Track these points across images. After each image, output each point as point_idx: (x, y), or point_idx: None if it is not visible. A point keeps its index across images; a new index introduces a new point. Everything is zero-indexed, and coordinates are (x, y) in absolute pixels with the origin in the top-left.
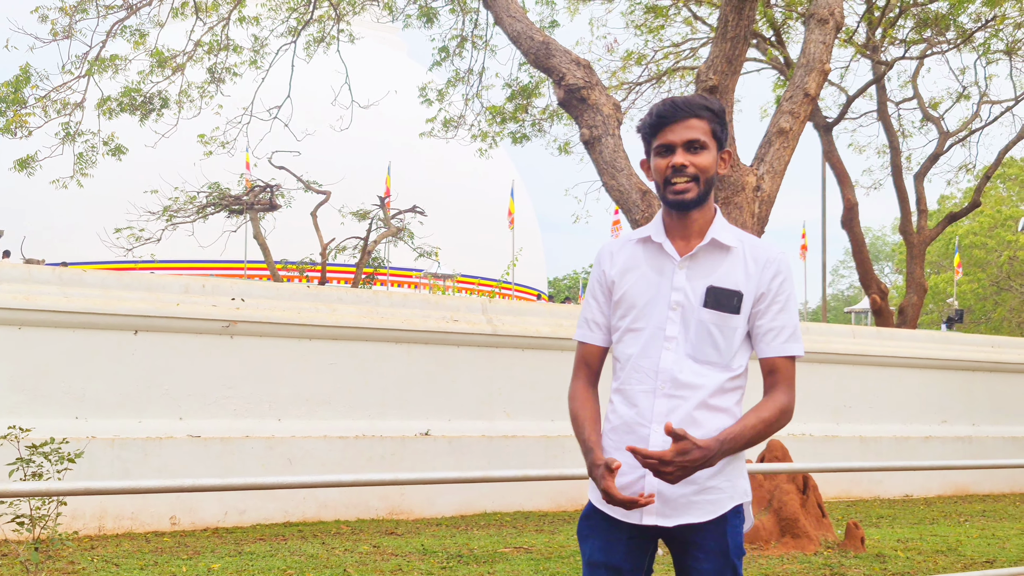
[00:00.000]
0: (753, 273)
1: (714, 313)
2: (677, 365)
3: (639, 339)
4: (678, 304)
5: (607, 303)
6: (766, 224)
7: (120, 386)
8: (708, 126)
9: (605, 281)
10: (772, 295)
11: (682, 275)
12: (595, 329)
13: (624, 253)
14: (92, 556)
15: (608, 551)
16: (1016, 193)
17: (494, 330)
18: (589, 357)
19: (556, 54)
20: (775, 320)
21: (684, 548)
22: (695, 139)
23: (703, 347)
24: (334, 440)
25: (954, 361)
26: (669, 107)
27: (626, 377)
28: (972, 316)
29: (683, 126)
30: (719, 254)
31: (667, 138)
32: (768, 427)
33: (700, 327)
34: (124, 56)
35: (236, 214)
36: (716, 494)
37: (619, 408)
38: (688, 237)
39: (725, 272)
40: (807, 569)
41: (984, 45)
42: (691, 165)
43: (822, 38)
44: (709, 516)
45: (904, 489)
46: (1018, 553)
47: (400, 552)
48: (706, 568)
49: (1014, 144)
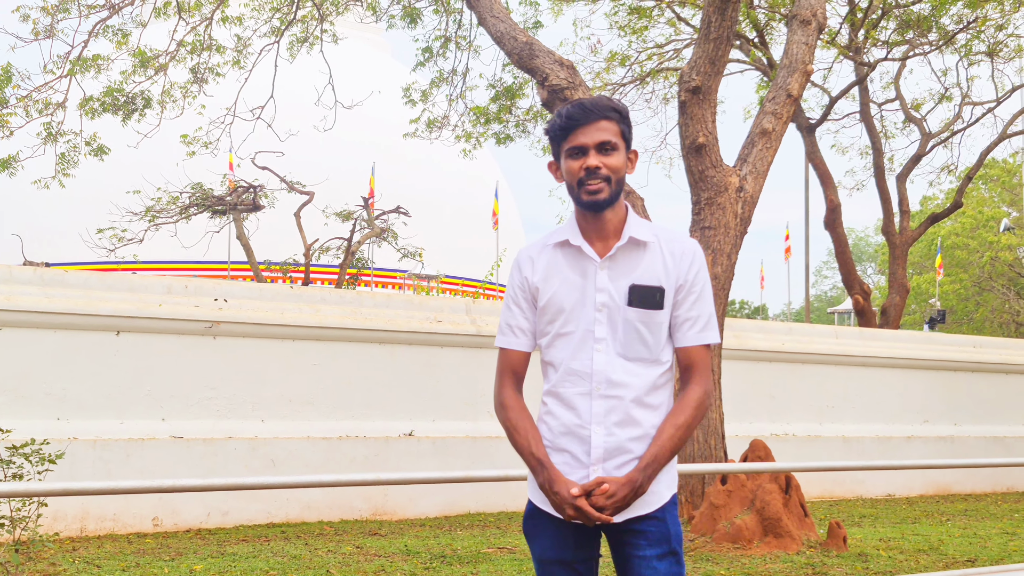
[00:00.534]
0: (671, 266)
1: (638, 311)
2: (610, 365)
3: (570, 343)
4: (603, 305)
5: (530, 309)
6: (749, 224)
7: (102, 387)
8: (617, 127)
9: (528, 287)
10: (689, 285)
11: (604, 276)
12: (519, 335)
13: (544, 258)
14: (74, 557)
15: (558, 547)
16: (998, 194)
17: (478, 331)
18: (515, 363)
19: (539, 55)
20: (692, 310)
21: (627, 538)
22: (606, 141)
23: (632, 344)
24: (317, 441)
25: (936, 361)
26: (579, 110)
27: (559, 380)
28: (954, 316)
29: (594, 128)
30: (637, 251)
31: (578, 140)
32: (687, 430)
33: (627, 326)
34: (106, 56)
35: (219, 215)
36: (657, 485)
37: (556, 411)
38: (605, 237)
39: (645, 269)
40: (789, 568)
41: (966, 47)
42: (604, 166)
43: (804, 39)
44: (652, 508)
45: (886, 489)
46: (999, 552)
47: (383, 553)
48: (650, 554)
49: (996, 145)
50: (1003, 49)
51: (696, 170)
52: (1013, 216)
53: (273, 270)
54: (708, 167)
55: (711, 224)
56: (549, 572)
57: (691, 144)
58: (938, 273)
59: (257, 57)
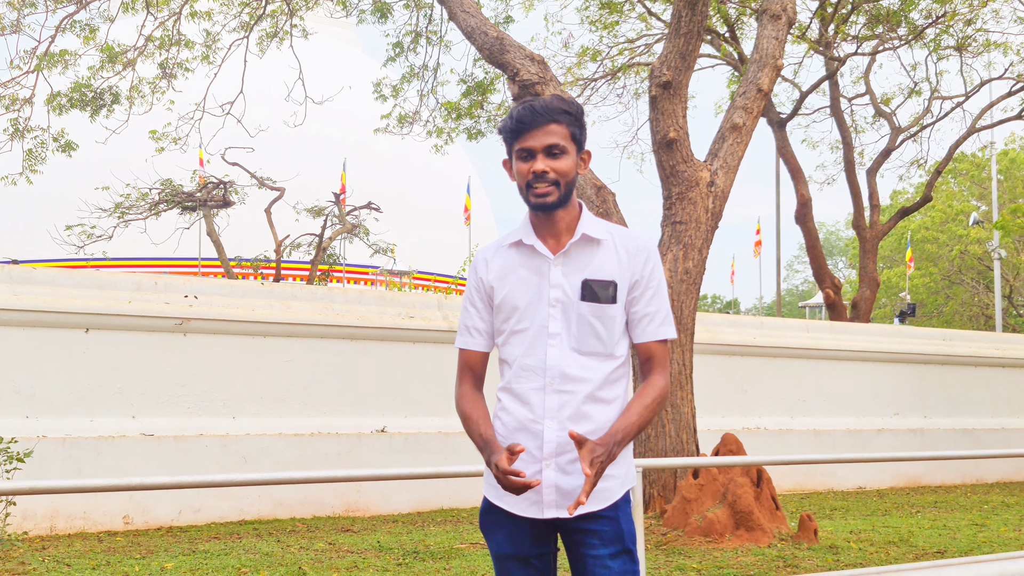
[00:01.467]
0: (625, 262)
1: (592, 305)
2: (564, 360)
3: (524, 339)
4: (557, 300)
5: (486, 309)
6: (720, 219)
7: (71, 385)
8: (567, 130)
9: (483, 287)
10: (645, 281)
11: (558, 272)
12: (476, 335)
13: (499, 258)
14: (43, 556)
15: (514, 542)
16: (967, 188)
17: (450, 326)
18: (473, 363)
19: (510, 50)
20: (649, 306)
21: (579, 537)
22: (554, 144)
23: (586, 339)
24: (289, 438)
25: (906, 354)
26: (528, 113)
27: (513, 376)
28: (924, 310)
29: (542, 132)
30: (591, 248)
31: (527, 143)
32: (652, 412)
33: (581, 320)
34: (74, 51)
35: (189, 211)
36: (610, 482)
37: (510, 406)
38: (558, 235)
39: (599, 264)
40: (761, 561)
41: (935, 41)
42: (551, 171)
43: (775, 34)
44: (604, 504)
45: (857, 481)
46: (968, 543)
47: (356, 549)
48: (604, 553)
49: (965, 139)
50: (972, 44)
51: (667, 165)
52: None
53: (244, 266)
54: (679, 162)
55: (682, 219)
56: (506, 568)
57: (662, 139)
58: (908, 267)
59: (226, 52)
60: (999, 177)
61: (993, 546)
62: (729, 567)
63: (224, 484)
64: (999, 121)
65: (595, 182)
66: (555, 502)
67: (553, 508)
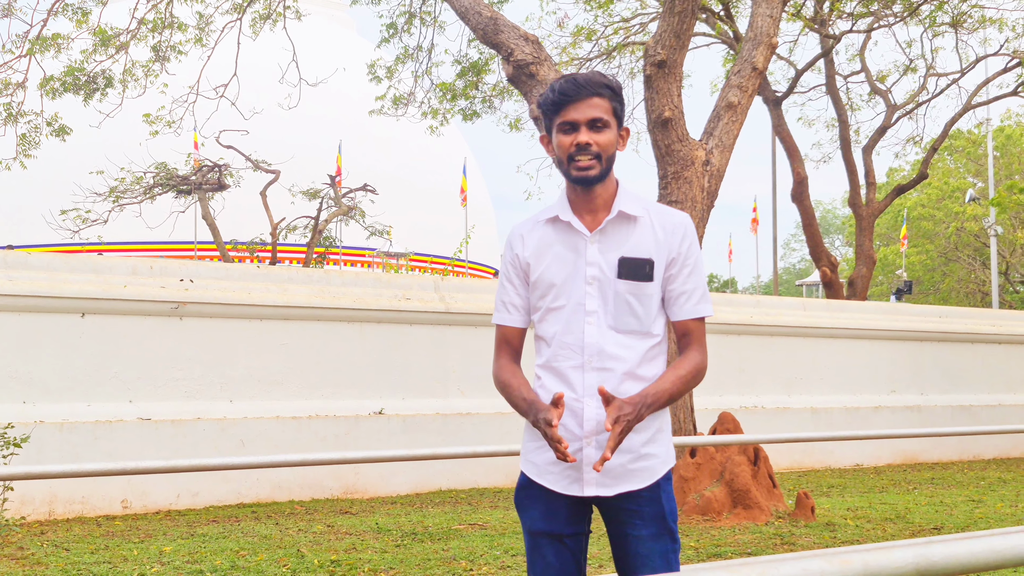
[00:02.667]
0: (662, 239)
1: (629, 283)
2: (602, 338)
3: (561, 316)
4: (594, 278)
5: (523, 285)
6: (716, 198)
7: (68, 370)
8: (609, 104)
9: (519, 264)
10: (682, 259)
11: (594, 249)
12: (513, 311)
13: (535, 234)
14: (42, 541)
15: (549, 519)
16: (963, 165)
17: (447, 308)
18: (510, 337)
19: (504, 30)
20: (686, 283)
21: (621, 516)
22: (598, 118)
23: (623, 317)
24: (287, 420)
25: (903, 332)
26: (571, 85)
27: (552, 355)
28: (921, 287)
29: (586, 104)
30: (627, 225)
31: (570, 116)
32: (685, 383)
33: (617, 298)
34: (66, 35)
35: (184, 194)
36: (651, 460)
37: (549, 384)
38: (595, 211)
39: (636, 242)
40: (758, 539)
41: (930, 18)
42: (594, 143)
43: (769, 12)
44: (646, 483)
45: (855, 458)
46: (965, 520)
47: (354, 531)
48: (644, 534)
49: (960, 116)
50: (967, 20)
51: (662, 144)
52: (978, 187)
53: (240, 250)
54: (674, 141)
55: (678, 198)
56: (538, 544)
57: (657, 118)
58: (903, 244)
59: (220, 35)
60: (995, 154)
61: (990, 522)
62: (726, 545)
63: (222, 468)
64: (995, 98)
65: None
66: (595, 480)
67: (593, 486)
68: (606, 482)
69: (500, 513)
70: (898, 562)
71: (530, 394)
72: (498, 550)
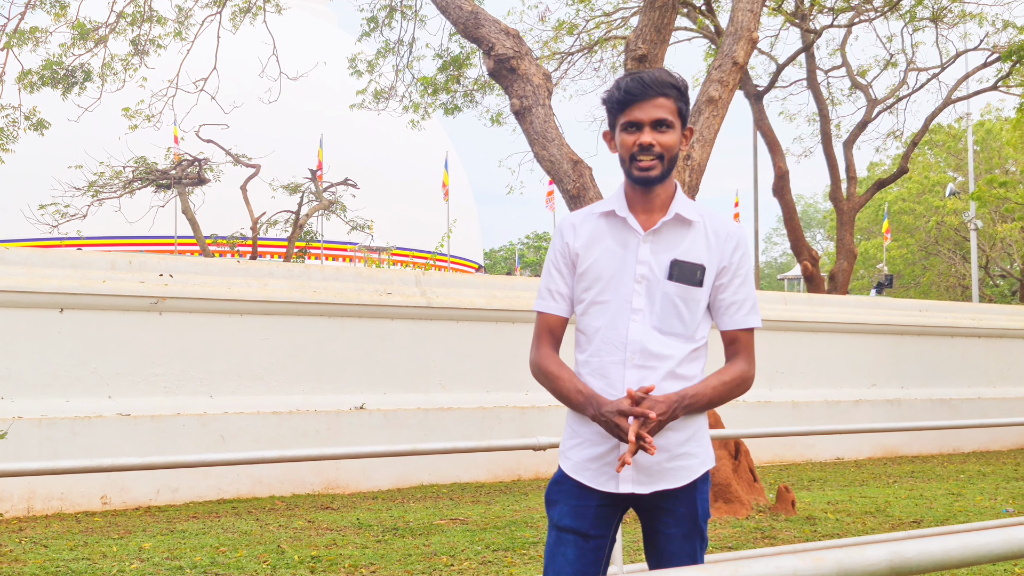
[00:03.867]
0: (715, 246)
1: (678, 286)
2: (645, 336)
3: (606, 311)
4: (643, 277)
5: (570, 274)
6: (696, 192)
7: (46, 365)
8: (674, 105)
9: (569, 253)
10: (734, 269)
11: (646, 248)
12: (558, 299)
13: (587, 226)
14: (20, 538)
15: (577, 516)
16: (943, 159)
17: (428, 302)
18: (553, 326)
19: (485, 24)
20: (737, 293)
21: (654, 514)
22: (662, 118)
23: (668, 319)
24: (268, 416)
25: (883, 325)
26: (638, 84)
27: (594, 350)
28: (901, 281)
29: (651, 104)
30: (682, 228)
31: (634, 115)
32: (729, 390)
33: (665, 299)
34: (44, 28)
35: (164, 189)
36: (688, 460)
37: (588, 379)
38: (651, 211)
39: (688, 246)
40: (739, 533)
41: (910, 12)
42: (657, 144)
43: (749, 6)
44: (682, 482)
45: (835, 452)
46: (944, 513)
47: (335, 526)
48: (675, 533)
49: (940, 111)
50: (947, 15)
51: None
52: (959, 181)
53: (220, 244)
54: None
55: None
56: (562, 539)
57: None
58: (885, 238)
59: (199, 28)
60: (975, 148)
61: (969, 515)
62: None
63: (202, 464)
64: (975, 92)
65: (571, 156)
66: (631, 477)
67: (629, 483)
68: (642, 479)
69: (481, 508)
70: (872, 559)
71: (586, 388)
72: (479, 545)
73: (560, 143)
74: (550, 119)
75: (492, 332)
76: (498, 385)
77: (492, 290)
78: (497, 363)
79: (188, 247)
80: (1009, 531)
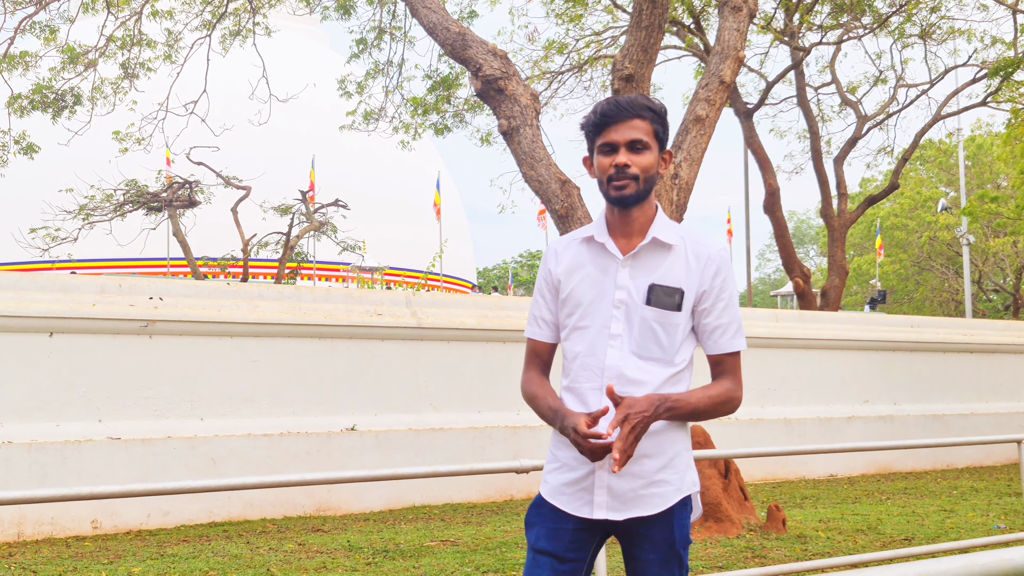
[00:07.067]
0: (695, 270)
1: (656, 311)
2: (623, 362)
3: (585, 337)
4: (621, 302)
5: (554, 301)
6: (685, 211)
7: (36, 389)
8: (650, 127)
9: (551, 280)
10: (716, 293)
11: (625, 273)
12: (543, 326)
13: (569, 252)
14: (10, 564)
15: (552, 539)
16: (935, 175)
17: (419, 323)
18: (540, 351)
19: (472, 45)
20: (721, 317)
21: (632, 540)
22: (638, 139)
23: (647, 344)
24: (258, 438)
25: (875, 342)
26: (613, 107)
27: (575, 376)
28: (895, 296)
29: (626, 126)
30: (661, 252)
31: (610, 137)
32: (713, 405)
33: (643, 324)
34: (34, 52)
35: (155, 211)
36: (664, 487)
37: (570, 405)
38: (630, 235)
39: (667, 270)
40: (729, 552)
41: (899, 29)
42: (633, 165)
43: (736, 25)
44: (657, 509)
45: (828, 469)
46: (936, 530)
47: (325, 549)
48: (652, 559)
49: (931, 126)
50: (936, 31)
51: None
52: (951, 196)
53: (211, 266)
54: None
55: None
56: (536, 562)
57: None
58: (879, 254)
59: (189, 51)
60: (966, 163)
61: (960, 532)
62: (697, 559)
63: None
64: (964, 108)
65: (559, 176)
66: (606, 503)
67: (603, 509)
68: (616, 505)
69: (473, 529)
70: None
71: (555, 402)
72: (469, 567)
73: (548, 163)
74: (538, 139)
75: (483, 352)
76: (490, 405)
77: (483, 310)
78: (488, 383)
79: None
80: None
